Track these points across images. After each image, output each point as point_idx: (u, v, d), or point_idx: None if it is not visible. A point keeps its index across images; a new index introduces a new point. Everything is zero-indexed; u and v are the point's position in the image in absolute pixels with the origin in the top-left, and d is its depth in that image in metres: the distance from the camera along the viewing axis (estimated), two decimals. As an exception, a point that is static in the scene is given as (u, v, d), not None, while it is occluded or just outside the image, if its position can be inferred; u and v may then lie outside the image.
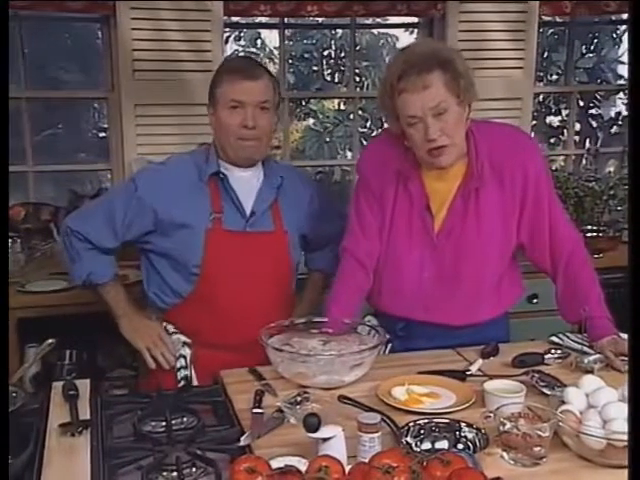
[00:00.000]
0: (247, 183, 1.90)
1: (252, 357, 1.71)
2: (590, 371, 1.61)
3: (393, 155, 1.80)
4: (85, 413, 1.44)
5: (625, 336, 1.72)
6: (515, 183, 1.76)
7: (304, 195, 2.01)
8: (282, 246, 1.93)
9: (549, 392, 1.51)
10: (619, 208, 3.45)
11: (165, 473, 1.21)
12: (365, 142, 7.63)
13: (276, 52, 7.12)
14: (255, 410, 1.45)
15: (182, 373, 1.88)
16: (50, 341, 1.60)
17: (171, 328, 1.93)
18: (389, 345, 1.87)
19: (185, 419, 1.43)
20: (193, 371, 1.89)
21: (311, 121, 8.32)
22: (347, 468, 1.10)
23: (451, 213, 1.77)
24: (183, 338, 1.91)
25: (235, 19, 3.53)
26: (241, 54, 8.23)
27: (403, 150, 1.78)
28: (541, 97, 6.27)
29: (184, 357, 1.89)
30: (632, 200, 1.22)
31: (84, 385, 1.57)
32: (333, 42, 8.09)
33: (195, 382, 1.87)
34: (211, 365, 1.75)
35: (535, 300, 2.75)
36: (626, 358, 1.66)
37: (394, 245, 1.83)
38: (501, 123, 1.87)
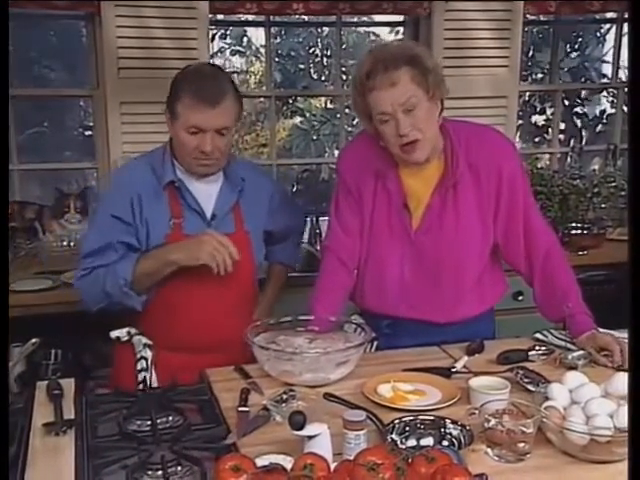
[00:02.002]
0: (207, 187, 1.88)
1: (215, 359, 1.72)
2: (574, 367, 1.63)
3: (371, 155, 1.81)
4: (70, 412, 1.43)
5: (604, 331, 1.74)
6: (490, 183, 1.77)
7: (265, 192, 2.00)
8: (244, 247, 1.90)
9: (533, 388, 1.52)
10: (603, 206, 3.48)
11: (150, 472, 1.20)
12: (352, 140, 7.66)
13: (262, 50, 7.09)
14: (241, 408, 1.45)
15: (142, 375, 1.84)
16: (34, 340, 1.59)
17: (133, 330, 1.91)
18: (374, 343, 1.87)
19: (170, 418, 1.43)
20: (154, 373, 1.85)
21: (298, 119, 8.31)
22: (332, 466, 1.10)
23: (428, 210, 1.78)
24: (144, 340, 1.88)
25: (221, 17, 3.51)
26: (227, 52, 8.20)
27: (380, 150, 1.79)
28: (526, 96, 6.29)
29: (145, 359, 1.86)
30: (632, 200, 1.23)
31: (69, 384, 1.57)
32: (319, 40, 8.07)
33: (155, 385, 1.82)
34: (172, 368, 1.74)
35: (520, 297, 2.76)
36: (607, 353, 1.68)
37: (375, 243, 1.84)
38: (478, 123, 1.88)
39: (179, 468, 1.22)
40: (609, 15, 4.11)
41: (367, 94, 1.68)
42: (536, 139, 6.30)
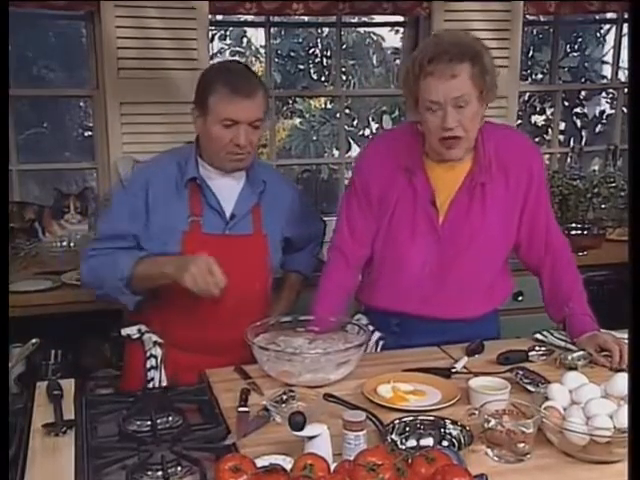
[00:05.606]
0: (229, 187, 1.88)
1: (225, 360, 1.72)
2: (574, 368, 1.63)
3: (397, 151, 1.81)
4: (69, 413, 1.43)
5: (605, 332, 1.74)
6: (520, 184, 1.78)
7: (286, 198, 1.99)
8: (261, 249, 1.91)
9: (533, 389, 1.52)
10: (603, 206, 3.48)
11: (150, 472, 1.20)
12: (352, 141, 7.66)
13: (262, 51, 7.09)
14: (241, 409, 1.45)
15: (152, 374, 1.85)
16: (34, 341, 1.59)
17: (143, 328, 1.91)
18: (380, 343, 1.88)
19: (170, 418, 1.43)
20: (163, 372, 1.86)
21: (297, 120, 8.32)
22: (332, 466, 1.10)
23: (455, 205, 1.78)
24: (154, 338, 1.89)
25: (220, 17, 3.51)
26: (227, 52, 8.19)
27: (407, 146, 1.79)
28: (526, 96, 6.30)
29: (155, 357, 1.86)
30: (632, 200, 1.23)
31: (69, 385, 1.56)
32: (319, 41, 8.07)
33: (165, 383, 1.84)
34: (182, 367, 1.74)
35: (520, 298, 2.77)
36: (607, 353, 1.68)
37: (394, 242, 1.82)
38: (504, 125, 1.89)
39: (179, 468, 1.22)
40: (609, 15, 4.12)
41: (423, 78, 1.65)
42: (536, 139, 6.30)
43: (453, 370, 1.66)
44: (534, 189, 1.80)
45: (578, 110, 6.65)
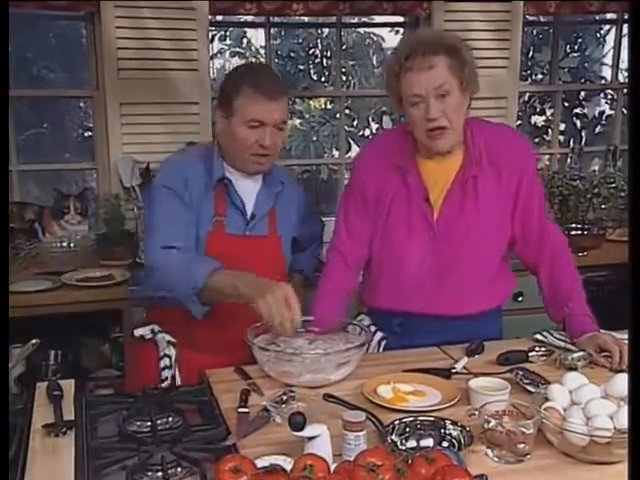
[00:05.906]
0: (248, 188, 1.91)
1: (238, 360, 1.72)
2: (574, 368, 1.63)
3: (391, 151, 1.83)
4: (69, 413, 1.43)
5: (605, 332, 1.74)
6: (511, 178, 1.79)
7: (294, 199, 2.02)
8: (276, 250, 1.93)
9: (533, 389, 1.52)
10: (603, 206, 3.49)
11: (150, 473, 1.20)
12: (352, 141, 7.66)
13: (262, 51, 7.09)
14: (241, 409, 1.45)
15: (166, 373, 1.85)
16: (34, 341, 1.59)
17: (156, 328, 1.91)
18: (382, 343, 1.88)
19: (170, 419, 1.43)
20: (177, 371, 1.86)
21: (297, 120, 8.32)
22: (332, 467, 1.10)
23: (449, 199, 1.79)
24: (168, 337, 1.88)
25: (220, 18, 3.51)
26: (227, 53, 8.20)
27: (401, 145, 1.81)
28: (526, 97, 6.30)
29: (169, 357, 1.86)
30: (632, 201, 1.23)
31: (69, 385, 1.56)
32: (319, 41, 8.07)
33: (178, 383, 1.83)
34: (196, 366, 1.74)
35: (520, 298, 2.77)
36: (607, 354, 1.68)
37: (391, 239, 1.83)
38: (494, 122, 1.90)
39: (179, 469, 1.22)
40: (609, 16, 4.12)
41: (403, 75, 1.69)
42: (536, 140, 6.30)
43: (453, 371, 1.66)
44: (525, 183, 1.81)
45: (578, 111, 6.64)
